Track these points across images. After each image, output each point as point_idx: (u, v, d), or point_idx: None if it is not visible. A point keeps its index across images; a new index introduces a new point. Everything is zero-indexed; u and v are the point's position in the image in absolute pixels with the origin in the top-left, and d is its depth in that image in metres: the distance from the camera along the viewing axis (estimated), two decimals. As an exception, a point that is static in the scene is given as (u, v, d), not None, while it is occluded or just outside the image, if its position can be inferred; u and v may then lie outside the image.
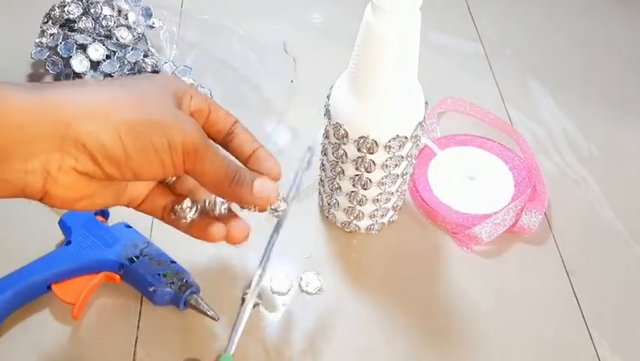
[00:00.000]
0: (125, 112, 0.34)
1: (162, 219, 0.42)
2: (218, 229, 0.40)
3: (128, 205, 0.41)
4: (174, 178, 0.42)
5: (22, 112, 0.32)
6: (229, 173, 0.38)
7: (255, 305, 0.47)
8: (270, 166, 0.41)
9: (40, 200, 0.35)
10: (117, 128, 0.34)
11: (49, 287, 0.47)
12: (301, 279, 0.51)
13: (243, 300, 0.47)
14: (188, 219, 0.40)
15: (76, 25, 0.64)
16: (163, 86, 0.38)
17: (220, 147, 0.42)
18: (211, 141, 0.38)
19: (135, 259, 0.48)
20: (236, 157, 0.42)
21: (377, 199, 0.50)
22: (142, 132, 0.34)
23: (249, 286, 0.47)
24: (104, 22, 0.64)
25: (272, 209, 0.40)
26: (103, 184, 0.36)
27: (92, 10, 0.65)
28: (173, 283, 0.47)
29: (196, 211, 0.40)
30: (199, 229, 0.40)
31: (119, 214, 0.52)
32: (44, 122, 0.33)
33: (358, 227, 0.54)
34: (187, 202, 0.39)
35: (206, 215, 0.40)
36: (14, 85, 0.33)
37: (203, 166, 0.37)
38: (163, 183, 0.42)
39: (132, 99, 0.35)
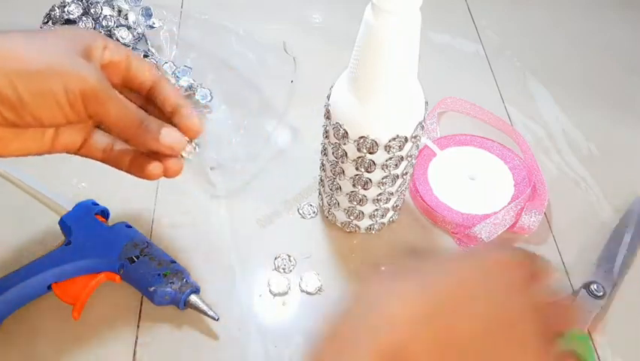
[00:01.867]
0: (22, 59, 0.35)
1: (102, 160, 0.43)
2: (155, 166, 0.41)
3: (66, 152, 0.41)
4: None
5: None
6: (135, 119, 0.39)
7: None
8: (190, 123, 0.41)
9: None
10: (9, 74, 0.34)
11: (49, 287, 0.47)
12: (301, 279, 0.51)
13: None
14: (190, 157, 0.42)
15: (76, 25, 0.64)
16: (69, 38, 0.38)
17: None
18: (115, 91, 0.38)
19: (135, 259, 0.48)
20: (161, 114, 0.42)
21: (377, 199, 0.50)
22: (36, 78, 0.35)
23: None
24: (104, 23, 0.64)
25: (181, 155, 0.42)
26: (12, 131, 0.37)
27: (92, 11, 0.65)
28: (173, 283, 0.47)
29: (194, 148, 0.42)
30: (137, 167, 0.41)
31: (119, 214, 0.52)
32: None
33: (358, 227, 0.54)
34: (189, 147, 0.41)
35: (141, 153, 0.41)
36: None
37: (106, 111, 0.37)
38: (99, 128, 0.42)
39: (32, 48, 0.36)
